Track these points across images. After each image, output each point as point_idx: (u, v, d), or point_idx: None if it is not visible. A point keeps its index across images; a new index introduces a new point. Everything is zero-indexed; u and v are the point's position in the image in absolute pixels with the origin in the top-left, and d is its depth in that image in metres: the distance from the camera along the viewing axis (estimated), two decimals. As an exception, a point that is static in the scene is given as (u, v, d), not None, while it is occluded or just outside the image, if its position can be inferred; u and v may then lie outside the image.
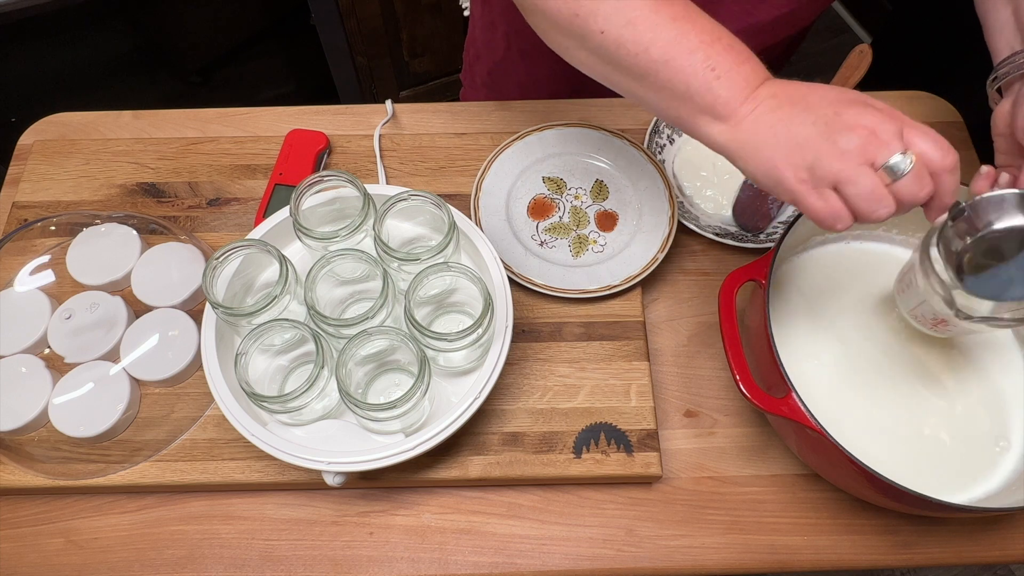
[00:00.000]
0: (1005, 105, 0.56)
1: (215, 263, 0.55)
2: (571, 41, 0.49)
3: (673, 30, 0.45)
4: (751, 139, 0.46)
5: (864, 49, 0.78)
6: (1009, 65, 0.56)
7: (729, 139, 0.47)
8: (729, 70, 0.45)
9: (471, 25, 0.92)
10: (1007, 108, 0.56)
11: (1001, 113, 0.57)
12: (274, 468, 0.60)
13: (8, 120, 1.16)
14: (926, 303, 0.53)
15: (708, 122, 0.47)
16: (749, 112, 0.46)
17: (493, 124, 0.79)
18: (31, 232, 0.69)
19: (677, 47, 0.45)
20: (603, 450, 0.61)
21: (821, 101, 0.45)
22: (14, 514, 0.61)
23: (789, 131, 0.44)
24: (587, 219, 0.72)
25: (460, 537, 0.60)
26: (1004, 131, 0.57)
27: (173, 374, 0.62)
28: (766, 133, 0.45)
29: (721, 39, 0.46)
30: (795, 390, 0.51)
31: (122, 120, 0.79)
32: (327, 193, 0.60)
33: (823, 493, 0.62)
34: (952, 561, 0.60)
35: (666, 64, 0.46)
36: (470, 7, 0.91)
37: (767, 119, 0.45)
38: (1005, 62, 0.56)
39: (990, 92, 0.59)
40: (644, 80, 0.48)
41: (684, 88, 0.46)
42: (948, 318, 0.51)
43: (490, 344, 0.56)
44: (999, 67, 0.57)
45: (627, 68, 0.47)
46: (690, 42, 0.45)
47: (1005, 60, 0.56)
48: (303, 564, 0.59)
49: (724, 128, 0.47)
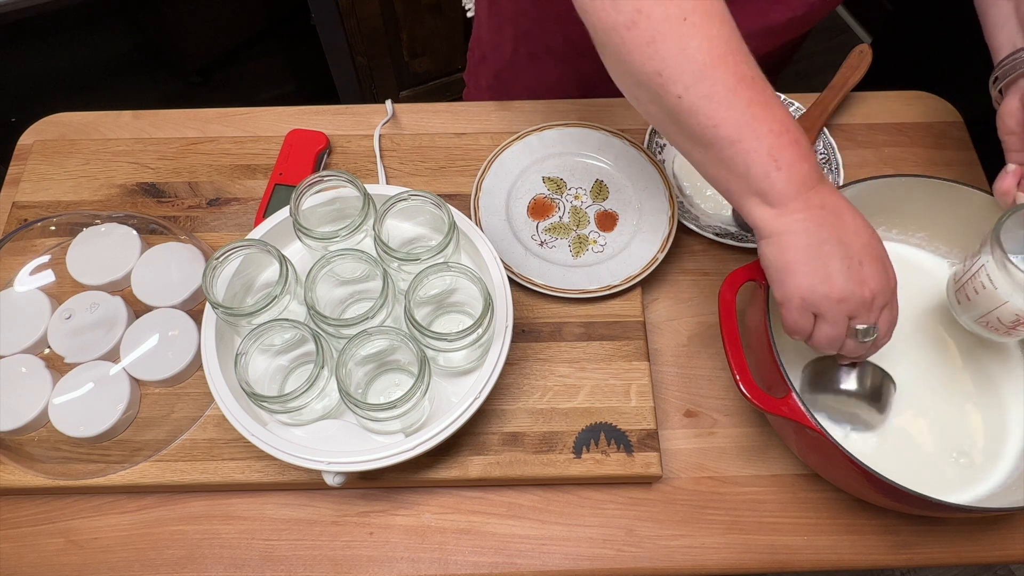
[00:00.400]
0: (1012, 103, 0.56)
1: (215, 263, 0.55)
2: (645, 95, 0.50)
3: (748, 115, 0.47)
4: (791, 243, 0.49)
5: (864, 49, 0.78)
6: (1011, 62, 0.55)
7: (772, 227, 0.49)
8: (790, 165, 0.47)
9: (476, 25, 0.91)
10: (1015, 105, 0.56)
11: (1009, 111, 0.56)
12: (274, 468, 0.60)
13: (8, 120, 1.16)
14: (1006, 305, 0.52)
15: (757, 204, 0.49)
16: (798, 210, 0.48)
17: (493, 124, 0.79)
18: (31, 232, 0.69)
19: (747, 130, 0.47)
20: (603, 450, 0.61)
21: (855, 239, 0.49)
22: (14, 514, 0.61)
23: (821, 261, 0.48)
24: (587, 219, 0.72)
25: (460, 537, 0.60)
26: (1015, 128, 0.56)
27: (173, 374, 0.62)
28: (803, 252, 0.48)
29: (789, 131, 0.47)
30: (795, 390, 0.51)
31: (122, 120, 0.79)
32: (327, 193, 0.60)
33: (823, 493, 0.62)
34: (952, 561, 0.60)
35: (732, 144, 0.47)
36: (476, 8, 0.91)
37: (812, 233, 0.48)
38: (1006, 60, 0.56)
39: (993, 92, 0.58)
40: (708, 150, 0.49)
41: (744, 169, 0.48)
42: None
43: (490, 344, 0.56)
44: (1000, 65, 0.57)
45: (695, 136, 0.49)
46: (760, 129, 0.47)
47: (1006, 58, 0.56)
48: (303, 564, 0.59)
49: (772, 214, 0.49)
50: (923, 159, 0.78)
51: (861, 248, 0.49)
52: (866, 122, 0.80)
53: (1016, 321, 0.52)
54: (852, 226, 0.49)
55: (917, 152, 0.78)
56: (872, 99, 0.82)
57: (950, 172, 0.77)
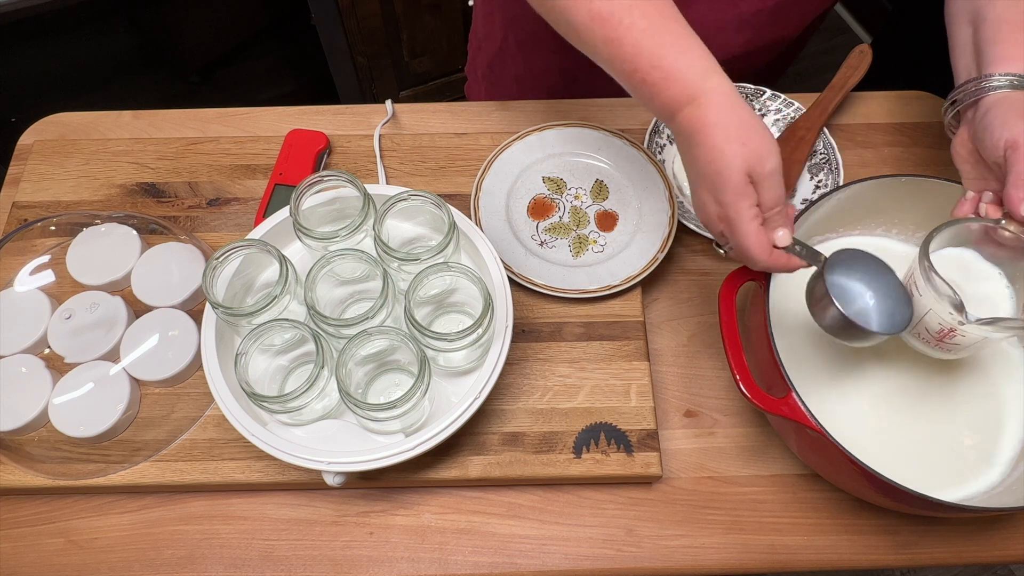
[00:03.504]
0: (963, 133, 0.57)
1: (215, 263, 0.55)
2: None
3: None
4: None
5: (864, 49, 0.78)
6: (961, 92, 0.56)
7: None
8: (651, 97, 0.51)
9: (474, 14, 0.93)
10: (966, 136, 0.57)
11: (960, 141, 0.58)
12: (274, 468, 0.60)
13: (8, 120, 1.17)
14: (931, 313, 0.53)
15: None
16: (674, 132, 0.51)
17: (493, 124, 0.79)
18: (31, 232, 0.69)
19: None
20: (603, 450, 0.61)
21: (699, 167, 0.53)
22: (14, 514, 0.61)
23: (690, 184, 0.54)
24: (587, 219, 0.72)
25: (460, 537, 0.60)
26: (968, 158, 0.57)
27: (173, 374, 0.62)
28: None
29: (657, 68, 0.50)
30: (795, 390, 0.51)
31: (122, 120, 0.79)
32: (327, 193, 0.60)
33: (823, 493, 0.62)
34: (952, 561, 0.60)
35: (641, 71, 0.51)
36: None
37: (681, 152, 0.52)
38: (958, 90, 0.57)
39: (946, 120, 0.59)
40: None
41: (646, 101, 0.52)
42: (955, 326, 0.51)
43: (490, 344, 0.56)
44: (953, 94, 0.58)
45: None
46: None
47: (960, 87, 0.57)
48: (303, 564, 0.59)
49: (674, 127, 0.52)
50: (923, 159, 0.78)
51: (697, 177, 0.52)
52: (866, 122, 0.80)
53: (941, 332, 0.53)
54: (700, 156, 0.51)
55: (917, 152, 0.78)
56: (872, 99, 0.82)
57: (950, 172, 0.76)
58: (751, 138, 0.49)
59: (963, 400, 0.61)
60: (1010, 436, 0.60)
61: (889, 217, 0.66)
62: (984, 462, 0.59)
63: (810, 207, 0.59)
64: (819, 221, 0.63)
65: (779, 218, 0.52)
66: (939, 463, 0.59)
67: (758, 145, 0.49)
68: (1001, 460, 0.59)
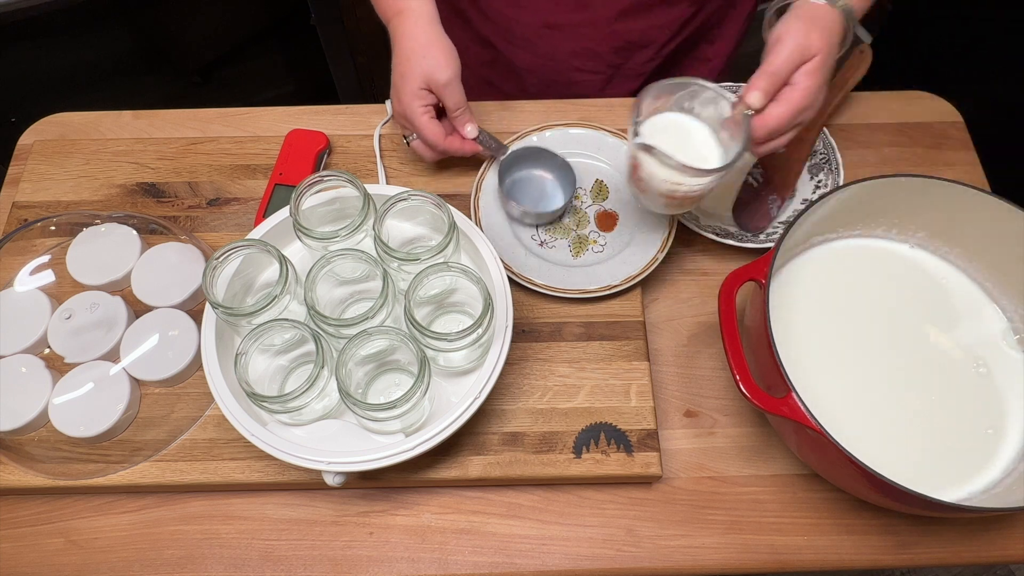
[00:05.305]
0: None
1: (215, 263, 0.55)
2: None
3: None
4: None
5: (864, 49, 0.78)
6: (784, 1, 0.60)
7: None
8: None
9: None
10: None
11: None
12: (274, 468, 0.60)
13: (8, 120, 1.16)
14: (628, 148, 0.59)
15: None
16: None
17: (493, 124, 0.79)
18: (31, 232, 0.69)
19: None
20: (603, 450, 0.61)
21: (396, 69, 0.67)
22: (14, 514, 0.61)
23: None
24: (587, 219, 0.72)
25: (460, 537, 0.60)
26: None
27: (173, 374, 0.62)
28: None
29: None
30: (795, 390, 0.51)
31: (122, 120, 0.79)
32: (327, 193, 0.60)
33: (823, 493, 0.62)
34: (952, 561, 0.60)
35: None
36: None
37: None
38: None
39: (767, 18, 0.61)
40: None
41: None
42: (636, 154, 0.58)
43: (490, 344, 0.56)
44: (778, 2, 0.60)
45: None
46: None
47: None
48: (303, 564, 0.59)
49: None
50: (923, 159, 0.78)
51: (393, 78, 0.66)
52: (866, 122, 0.80)
53: (635, 170, 0.59)
54: (394, 62, 0.65)
55: (917, 152, 0.78)
56: (872, 99, 0.82)
57: (950, 172, 0.77)
58: (432, 53, 0.63)
59: (963, 400, 0.61)
60: (1010, 436, 0.60)
61: (889, 217, 0.66)
62: (984, 462, 0.59)
63: (810, 207, 0.59)
64: (819, 221, 0.63)
65: (464, 115, 0.67)
66: (939, 463, 0.59)
67: (436, 59, 0.63)
68: (1001, 460, 0.59)
